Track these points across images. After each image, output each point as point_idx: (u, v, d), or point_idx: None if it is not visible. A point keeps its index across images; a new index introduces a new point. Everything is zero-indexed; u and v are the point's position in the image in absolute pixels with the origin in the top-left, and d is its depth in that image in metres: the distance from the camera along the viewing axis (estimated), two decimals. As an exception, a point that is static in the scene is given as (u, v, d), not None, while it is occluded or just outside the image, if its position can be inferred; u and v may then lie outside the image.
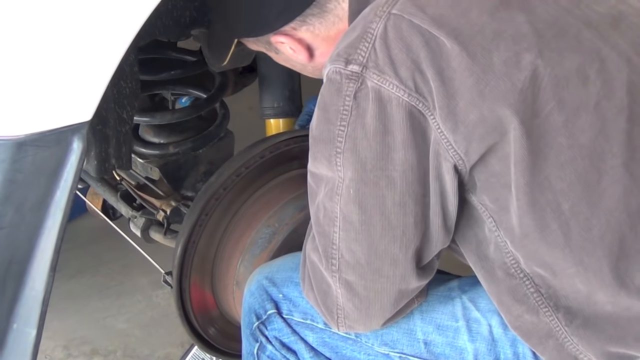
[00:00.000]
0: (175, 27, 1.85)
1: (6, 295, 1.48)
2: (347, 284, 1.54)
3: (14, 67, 1.36)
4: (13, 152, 1.39)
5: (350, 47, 1.42)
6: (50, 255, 1.46)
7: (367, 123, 1.40)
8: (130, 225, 2.41)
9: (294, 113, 2.39)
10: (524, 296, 1.51)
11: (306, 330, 1.76)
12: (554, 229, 1.43)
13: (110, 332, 2.93)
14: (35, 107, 1.40)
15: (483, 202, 1.47)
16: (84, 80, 1.42)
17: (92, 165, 1.80)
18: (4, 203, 1.41)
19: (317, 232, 1.57)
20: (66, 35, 1.37)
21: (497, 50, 1.38)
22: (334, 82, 1.43)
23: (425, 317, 1.68)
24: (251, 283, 1.83)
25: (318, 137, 1.49)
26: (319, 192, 1.54)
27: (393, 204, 1.45)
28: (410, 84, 1.37)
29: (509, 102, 1.37)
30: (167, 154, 2.31)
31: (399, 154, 1.40)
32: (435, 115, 1.38)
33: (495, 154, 1.40)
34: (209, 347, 2.25)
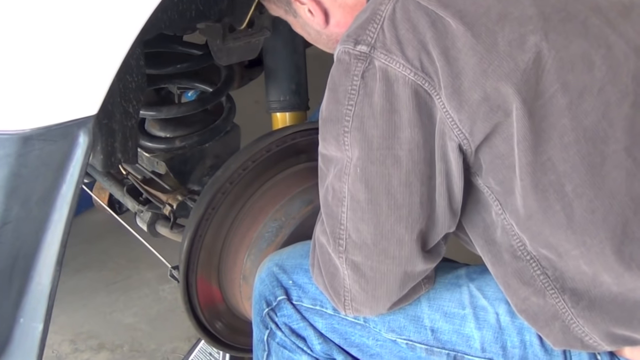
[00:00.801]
0: (181, 20, 1.85)
1: (13, 290, 1.49)
2: (354, 265, 1.56)
3: (20, 62, 1.37)
4: (19, 147, 1.39)
5: (360, 28, 1.45)
6: (56, 249, 1.47)
7: (375, 102, 1.43)
8: (136, 219, 2.42)
9: (301, 106, 2.39)
10: (530, 278, 1.53)
11: (315, 316, 1.77)
12: (557, 210, 1.44)
13: (117, 327, 2.93)
14: (41, 102, 1.40)
15: (489, 184, 1.49)
16: (89, 75, 1.42)
17: (98, 159, 1.80)
18: (10, 197, 1.42)
19: (325, 214, 1.59)
20: (72, 30, 1.38)
21: (502, 31, 1.41)
22: (343, 62, 1.46)
23: (433, 305, 1.69)
24: (261, 270, 1.85)
25: (327, 118, 1.51)
26: (329, 174, 1.55)
27: (399, 183, 1.47)
28: (417, 64, 1.40)
29: (512, 82, 1.39)
30: (173, 148, 2.31)
31: (405, 132, 1.43)
32: (440, 94, 1.40)
33: (500, 135, 1.42)
34: (215, 341, 2.25)
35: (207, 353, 2.54)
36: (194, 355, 2.58)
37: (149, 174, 2.37)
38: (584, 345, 1.54)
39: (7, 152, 1.39)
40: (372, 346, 1.75)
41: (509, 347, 1.64)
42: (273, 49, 2.30)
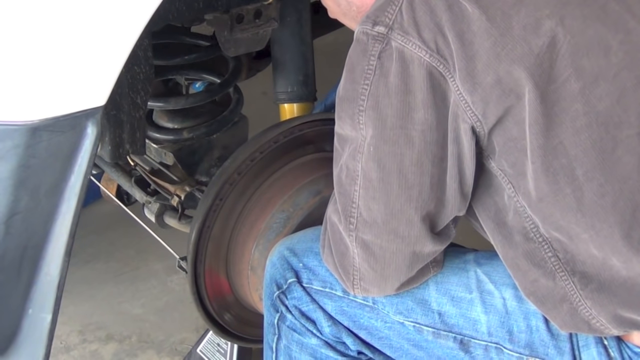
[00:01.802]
0: (189, 11, 1.85)
1: (21, 281, 1.49)
2: (364, 244, 1.57)
3: (28, 53, 1.37)
4: (27, 138, 1.40)
5: (379, 9, 1.47)
6: (65, 240, 1.47)
7: (390, 82, 1.45)
8: (144, 210, 2.42)
9: (308, 98, 2.38)
10: (541, 260, 1.54)
11: (325, 299, 1.78)
12: (567, 193, 1.46)
13: (125, 318, 2.94)
14: (49, 93, 1.40)
15: (502, 167, 1.51)
16: (98, 65, 1.42)
17: (106, 150, 1.81)
18: (19, 188, 1.42)
19: (338, 192, 1.61)
20: (80, 20, 1.38)
21: (517, 15, 1.43)
22: (361, 42, 1.48)
23: (440, 288, 1.71)
24: (273, 254, 1.87)
25: (343, 97, 1.53)
26: (343, 153, 1.57)
27: (411, 163, 1.49)
28: (432, 46, 1.42)
29: (525, 65, 1.41)
30: (181, 139, 2.31)
31: (419, 113, 1.45)
32: (454, 77, 1.43)
33: (512, 117, 1.44)
34: (223, 332, 2.26)
35: (215, 344, 2.54)
36: (202, 345, 2.59)
37: (157, 165, 2.37)
38: (591, 329, 1.55)
39: (15, 143, 1.39)
40: (381, 328, 1.76)
41: (515, 332, 1.66)
42: (281, 40, 2.30)
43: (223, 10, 1.95)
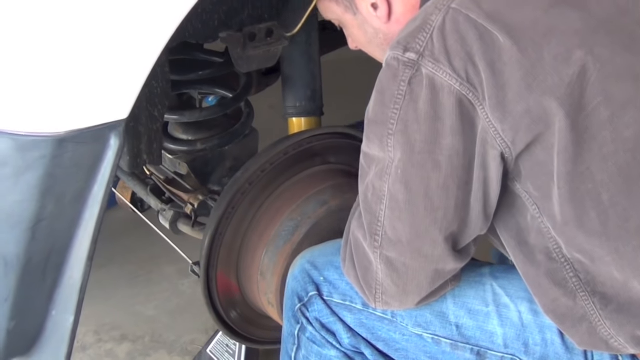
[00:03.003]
0: (204, 30, 1.86)
1: (46, 284, 1.50)
2: (388, 261, 1.55)
3: (57, 69, 1.37)
4: (54, 148, 1.40)
5: (410, 36, 1.45)
6: (87, 246, 1.48)
7: (419, 108, 1.43)
8: (159, 217, 2.42)
9: (316, 112, 2.39)
10: (562, 280, 1.52)
11: (345, 312, 1.77)
12: (592, 217, 1.44)
13: (138, 319, 2.94)
14: (75, 106, 1.41)
15: (527, 189, 1.48)
16: (121, 81, 1.43)
17: (125, 160, 1.81)
18: (45, 196, 1.43)
19: (364, 210, 1.58)
20: (105, 39, 1.39)
21: (549, 46, 1.40)
22: (392, 67, 1.46)
23: (458, 302, 1.69)
24: (294, 267, 1.85)
25: (372, 119, 1.51)
26: (370, 172, 1.55)
27: (437, 187, 1.46)
28: (463, 74, 1.40)
29: (556, 96, 1.38)
30: (195, 150, 2.32)
31: (447, 139, 1.43)
32: (484, 105, 1.40)
33: (540, 144, 1.42)
34: (233, 333, 2.26)
35: (224, 344, 2.54)
36: (212, 346, 2.59)
37: (171, 174, 2.37)
38: (609, 347, 1.54)
39: (42, 153, 1.40)
40: (399, 340, 1.75)
41: (530, 345, 1.64)
42: (290, 58, 2.30)
43: (237, 29, 1.95)
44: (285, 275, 2.02)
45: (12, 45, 1.37)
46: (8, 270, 1.46)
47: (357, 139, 2.23)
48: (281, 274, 2.03)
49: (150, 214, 2.62)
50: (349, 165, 2.24)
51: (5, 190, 1.42)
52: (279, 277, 2.04)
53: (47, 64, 1.37)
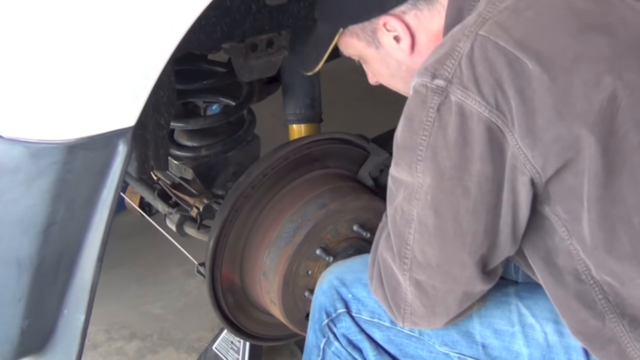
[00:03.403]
0: (208, 41, 1.85)
1: (58, 284, 1.50)
2: (417, 283, 1.51)
3: (66, 78, 1.38)
4: (65, 155, 1.40)
5: (438, 62, 1.40)
6: (97, 248, 1.48)
7: (448, 135, 1.38)
8: (166, 220, 2.42)
9: (315, 119, 2.39)
10: (591, 301, 1.47)
11: (373, 328, 1.73)
12: (623, 240, 1.39)
13: (147, 318, 2.94)
14: (85, 114, 1.41)
15: (556, 212, 1.44)
16: (128, 90, 1.43)
17: (133, 166, 1.81)
18: (57, 200, 1.43)
19: (393, 233, 1.54)
20: (113, 51, 1.38)
21: (578, 72, 1.35)
22: (420, 94, 1.41)
23: (484, 322, 1.66)
24: (322, 282, 1.80)
25: (401, 145, 1.46)
26: (398, 195, 1.50)
27: (466, 212, 1.42)
28: (492, 101, 1.35)
29: (586, 122, 1.34)
30: (199, 156, 2.32)
31: (476, 166, 1.38)
32: (513, 132, 1.35)
33: (570, 169, 1.37)
34: (237, 330, 2.26)
35: (229, 341, 2.54)
36: (217, 343, 2.58)
37: (177, 179, 2.38)
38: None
39: (54, 159, 1.40)
40: (426, 358, 1.71)
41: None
42: (290, 67, 2.31)
43: (239, 40, 1.95)
44: (287, 274, 2.03)
45: (25, 56, 1.37)
46: (21, 272, 1.46)
47: (353, 143, 2.23)
48: (283, 273, 2.03)
49: (157, 218, 2.62)
50: (347, 169, 2.25)
51: (18, 195, 1.42)
52: (280, 277, 2.04)
53: (58, 74, 1.37)
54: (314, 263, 2.07)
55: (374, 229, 2.12)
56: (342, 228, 2.10)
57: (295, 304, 2.10)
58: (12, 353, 1.54)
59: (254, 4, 1.86)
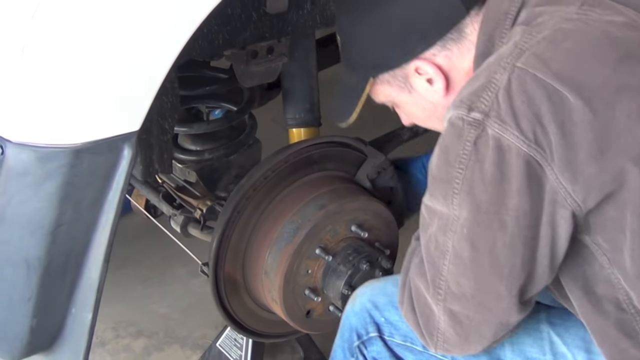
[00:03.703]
0: (210, 48, 1.86)
1: (66, 284, 1.50)
2: (451, 313, 1.46)
3: (72, 84, 1.38)
4: (71, 158, 1.40)
5: (474, 95, 1.35)
6: (104, 248, 1.48)
7: (485, 169, 1.33)
8: (170, 222, 2.42)
9: (314, 123, 2.39)
10: (632, 331, 1.42)
11: (406, 352, 1.68)
12: None
13: (153, 316, 2.94)
14: (91, 119, 1.41)
15: (596, 241, 1.38)
16: (132, 96, 1.43)
17: (138, 169, 1.81)
18: (64, 203, 1.43)
19: (427, 262, 1.49)
20: (116, 58, 1.39)
21: (620, 104, 1.30)
22: (456, 127, 1.36)
23: (515, 349, 1.62)
24: (354, 303, 1.76)
25: (437, 177, 1.42)
26: (432, 225, 1.45)
27: (503, 245, 1.36)
28: (530, 136, 1.29)
29: (630, 156, 1.29)
30: (203, 160, 2.31)
31: (514, 200, 1.33)
32: (552, 166, 1.30)
33: (613, 201, 1.32)
34: (240, 328, 2.25)
35: (233, 339, 2.54)
36: (221, 340, 2.58)
37: (181, 182, 2.37)
38: None
39: (61, 163, 1.40)
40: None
41: None
42: (290, 73, 2.30)
43: (240, 47, 1.95)
44: (288, 273, 2.03)
45: (33, 65, 1.37)
46: (30, 272, 1.46)
47: (351, 146, 2.23)
48: (284, 272, 2.03)
49: (162, 220, 2.62)
50: (345, 171, 2.24)
51: (27, 197, 1.42)
52: (281, 276, 2.03)
53: (64, 81, 1.38)
54: (313, 262, 2.07)
55: (371, 229, 2.13)
56: (341, 228, 2.10)
57: (296, 302, 2.10)
58: (21, 350, 1.54)
59: (255, 12, 1.87)
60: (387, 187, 2.30)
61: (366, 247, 2.11)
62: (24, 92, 1.39)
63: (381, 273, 2.07)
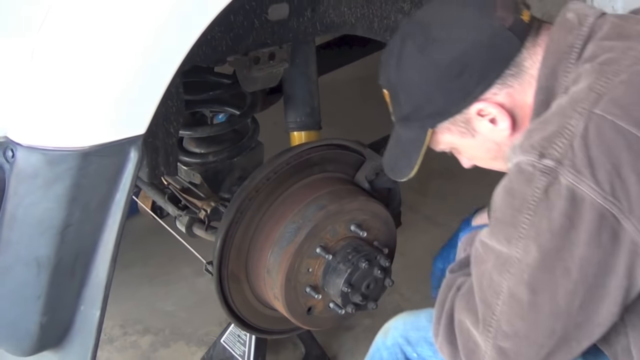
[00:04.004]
0: (214, 54, 1.86)
1: (75, 282, 1.50)
2: (500, 349, 1.37)
3: (80, 88, 1.38)
4: (79, 161, 1.41)
5: (546, 140, 1.26)
6: (111, 248, 1.48)
7: (554, 217, 1.24)
8: (176, 222, 2.42)
9: (314, 126, 2.39)
10: None
11: None
12: None
13: (159, 314, 2.94)
14: (98, 123, 1.41)
15: None
16: (138, 101, 1.44)
17: (144, 171, 1.81)
18: (72, 204, 1.43)
19: (478, 298, 1.40)
20: (121, 65, 1.39)
21: None
22: (525, 172, 1.27)
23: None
24: (387, 337, 1.71)
25: (501, 219, 1.34)
26: (487, 262, 1.37)
27: (565, 292, 1.28)
28: (607, 187, 1.21)
29: None
30: (207, 162, 2.32)
31: (580, 249, 1.24)
32: (631, 218, 1.21)
33: None
34: (243, 325, 2.25)
35: (236, 335, 2.54)
36: (225, 337, 2.59)
37: (186, 184, 2.37)
38: None
39: (69, 165, 1.40)
40: None
41: None
42: (291, 78, 2.31)
43: (243, 53, 1.95)
44: (289, 272, 2.03)
45: (43, 71, 1.37)
46: (40, 271, 1.46)
47: (350, 149, 2.23)
48: (285, 271, 2.03)
49: (168, 220, 2.62)
50: (345, 173, 2.24)
51: (37, 199, 1.42)
52: (283, 274, 2.03)
53: (72, 86, 1.39)
54: (314, 261, 2.07)
55: (370, 229, 2.13)
56: (341, 228, 2.10)
57: (297, 299, 2.10)
58: (32, 347, 1.54)
59: (257, 19, 1.87)
60: (385, 188, 2.30)
61: (365, 246, 2.11)
62: (34, 98, 1.40)
63: (379, 271, 2.07)
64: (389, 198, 2.31)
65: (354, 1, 1.99)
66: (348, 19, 2.00)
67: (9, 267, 1.48)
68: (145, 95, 1.43)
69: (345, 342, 2.76)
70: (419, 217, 3.43)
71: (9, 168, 1.42)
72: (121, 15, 1.37)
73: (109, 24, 1.36)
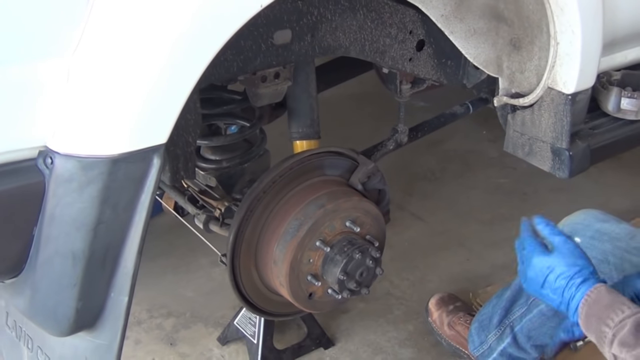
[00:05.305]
0: (226, 74, 1.85)
1: (106, 272, 1.50)
2: None
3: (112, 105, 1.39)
4: (110, 167, 1.40)
5: None
6: (138, 242, 1.47)
7: None
8: (195, 220, 2.41)
9: (314, 136, 2.38)
10: None
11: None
12: None
13: (181, 299, 2.93)
14: (126, 133, 1.41)
15: None
16: (160, 114, 1.43)
17: (166, 176, 1.81)
18: (103, 204, 1.43)
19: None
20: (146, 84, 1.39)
21: None
22: None
23: None
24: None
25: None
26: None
27: None
28: None
29: None
30: (221, 167, 2.31)
31: None
32: None
33: None
34: (254, 308, 2.25)
35: (248, 318, 2.53)
36: (238, 319, 2.58)
37: (203, 186, 2.37)
38: None
39: (101, 171, 1.40)
40: None
41: None
42: (294, 94, 2.30)
43: (251, 73, 1.95)
44: (293, 262, 2.02)
45: (77, 90, 1.37)
46: (75, 262, 1.45)
47: (345, 155, 2.23)
48: (289, 261, 2.03)
49: (188, 218, 2.61)
50: (341, 176, 2.24)
51: (72, 200, 1.42)
52: (288, 264, 2.03)
53: (104, 102, 1.39)
54: (314, 253, 2.07)
55: (362, 225, 2.13)
56: (337, 224, 2.09)
57: (300, 286, 2.09)
58: (69, 328, 1.53)
59: (263, 43, 1.87)
60: (376, 189, 2.30)
61: (359, 240, 2.10)
62: (70, 112, 1.40)
63: (371, 261, 2.07)
64: (379, 198, 2.31)
65: (348, 27, 1.99)
66: (343, 42, 2.00)
67: (49, 260, 1.48)
68: (167, 109, 1.43)
69: (342, 323, 2.75)
70: (406, 214, 3.41)
71: (49, 173, 1.42)
72: (144, 44, 1.37)
73: (135, 50, 1.36)
